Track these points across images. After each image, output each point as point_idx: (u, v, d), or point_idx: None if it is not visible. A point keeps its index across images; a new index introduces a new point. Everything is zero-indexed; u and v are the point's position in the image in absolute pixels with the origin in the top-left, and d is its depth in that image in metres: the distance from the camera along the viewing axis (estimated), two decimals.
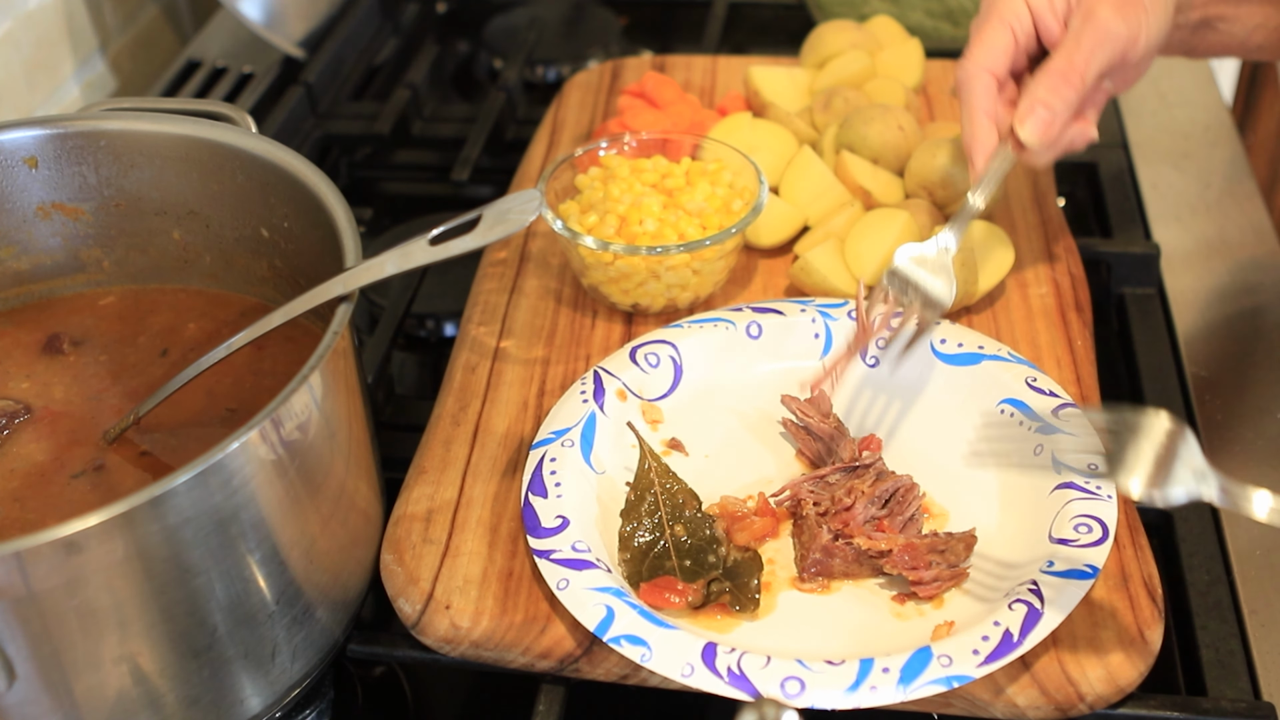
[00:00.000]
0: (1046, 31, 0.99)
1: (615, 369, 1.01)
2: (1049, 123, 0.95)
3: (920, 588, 0.87)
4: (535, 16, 1.62)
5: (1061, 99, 0.95)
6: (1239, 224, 1.27)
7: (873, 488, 0.90)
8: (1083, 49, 0.95)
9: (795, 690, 0.79)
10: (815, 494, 0.91)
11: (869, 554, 0.88)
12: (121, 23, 1.54)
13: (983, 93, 0.98)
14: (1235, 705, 0.85)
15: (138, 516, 0.70)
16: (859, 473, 0.93)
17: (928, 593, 0.87)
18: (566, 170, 1.13)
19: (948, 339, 1.01)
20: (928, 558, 0.87)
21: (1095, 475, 0.83)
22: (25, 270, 1.01)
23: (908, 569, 0.87)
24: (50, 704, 0.74)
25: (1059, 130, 0.96)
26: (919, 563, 0.86)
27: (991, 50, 0.98)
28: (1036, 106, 0.95)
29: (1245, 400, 1.09)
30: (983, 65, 0.98)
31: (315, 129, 1.44)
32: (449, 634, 0.87)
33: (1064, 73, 0.95)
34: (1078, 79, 0.95)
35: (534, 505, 0.91)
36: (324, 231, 0.88)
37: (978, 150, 0.97)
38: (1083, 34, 0.95)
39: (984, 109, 0.97)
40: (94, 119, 0.97)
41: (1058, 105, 0.95)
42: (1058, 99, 0.95)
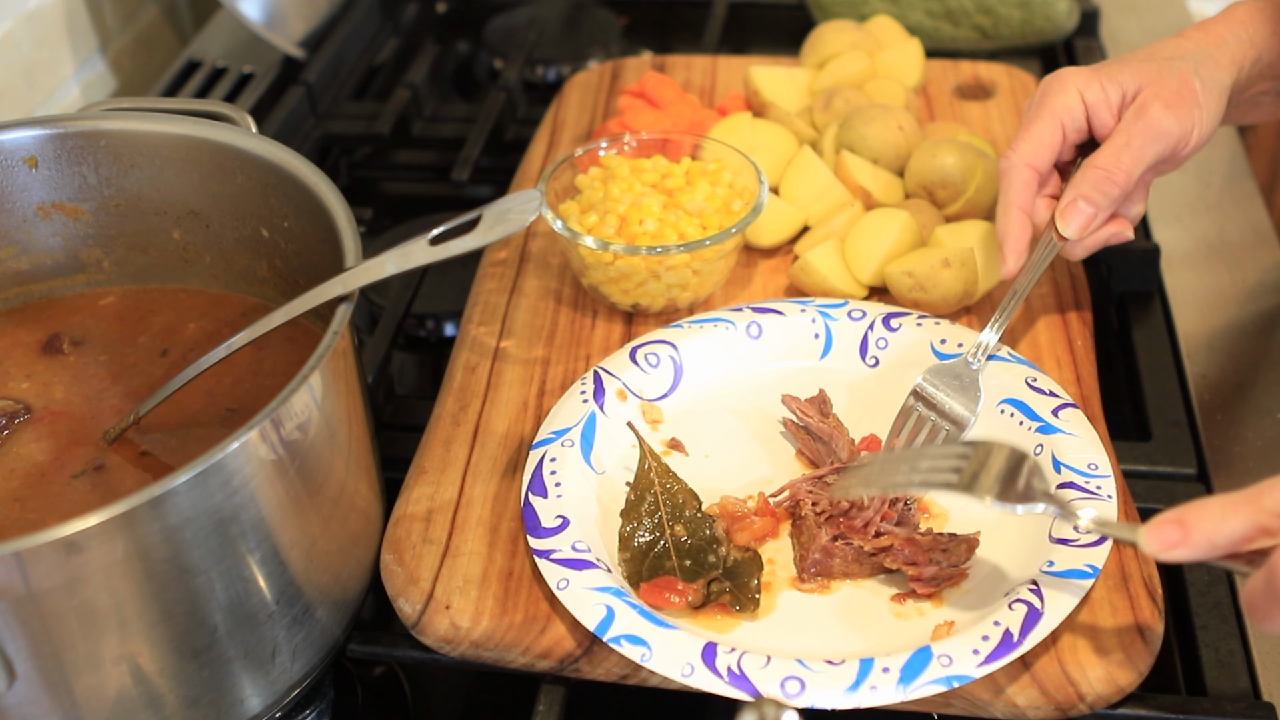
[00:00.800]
0: (1100, 126, 0.99)
1: (615, 369, 1.01)
2: (1091, 218, 0.96)
3: (919, 584, 0.87)
4: (535, 16, 1.62)
5: (1105, 195, 0.95)
6: (1239, 224, 1.27)
7: None
8: (1132, 148, 0.95)
9: (795, 690, 0.79)
10: (814, 494, 0.91)
11: (869, 553, 0.88)
12: (121, 23, 1.54)
13: (1021, 188, 0.97)
14: (1235, 705, 0.85)
15: (138, 516, 0.70)
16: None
17: (925, 590, 0.87)
18: (566, 170, 1.13)
19: (948, 339, 1.01)
20: (929, 555, 0.87)
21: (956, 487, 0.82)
22: (25, 270, 1.01)
23: (908, 564, 0.87)
24: (50, 704, 0.74)
25: (1100, 225, 0.96)
26: (920, 559, 0.87)
27: (1038, 146, 0.98)
28: (1079, 201, 0.95)
29: (1245, 400, 1.09)
30: (1025, 160, 0.98)
31: (315, 129, 1.44)
32: (449, 634, 0.87)
33: (1109, 171, 0.95)
34: (1123, 177, 0.95)
35: (534, 505, 0.91)
36: (324, 231, 0.88)
37: (1009, 245, 0.97)
38: (1134, 132, 0.95)
39: (1019, 204, 0.97)
40: (94, 119, 0.97)
41: (1101, 201, 0.95)
42: (1101, 195, 0.95)
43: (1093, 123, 0.99)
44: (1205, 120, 0.96)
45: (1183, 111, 0.95)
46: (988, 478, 0.81)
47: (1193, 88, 0.96)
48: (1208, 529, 0.74)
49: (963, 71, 1.35)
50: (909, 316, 1.03)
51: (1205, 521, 0.74)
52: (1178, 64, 0.97)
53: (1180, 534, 0.74)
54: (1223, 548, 0.74)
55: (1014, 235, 0.97)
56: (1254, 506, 0.73)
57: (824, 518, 0.89)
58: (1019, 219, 0.97)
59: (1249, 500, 0.73)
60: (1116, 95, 0.98)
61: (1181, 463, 1.02)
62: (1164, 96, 0.95)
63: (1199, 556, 0.75)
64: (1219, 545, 0.74)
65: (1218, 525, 0.73)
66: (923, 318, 1.03)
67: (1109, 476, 0.90)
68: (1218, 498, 0.74)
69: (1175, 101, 0.95)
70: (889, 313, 1.04)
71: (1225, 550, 0.74)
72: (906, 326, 1.03)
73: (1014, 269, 0.97)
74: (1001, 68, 1.35)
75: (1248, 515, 0.73)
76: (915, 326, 1.03)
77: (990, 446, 0.82)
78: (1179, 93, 0.96)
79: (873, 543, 0.87)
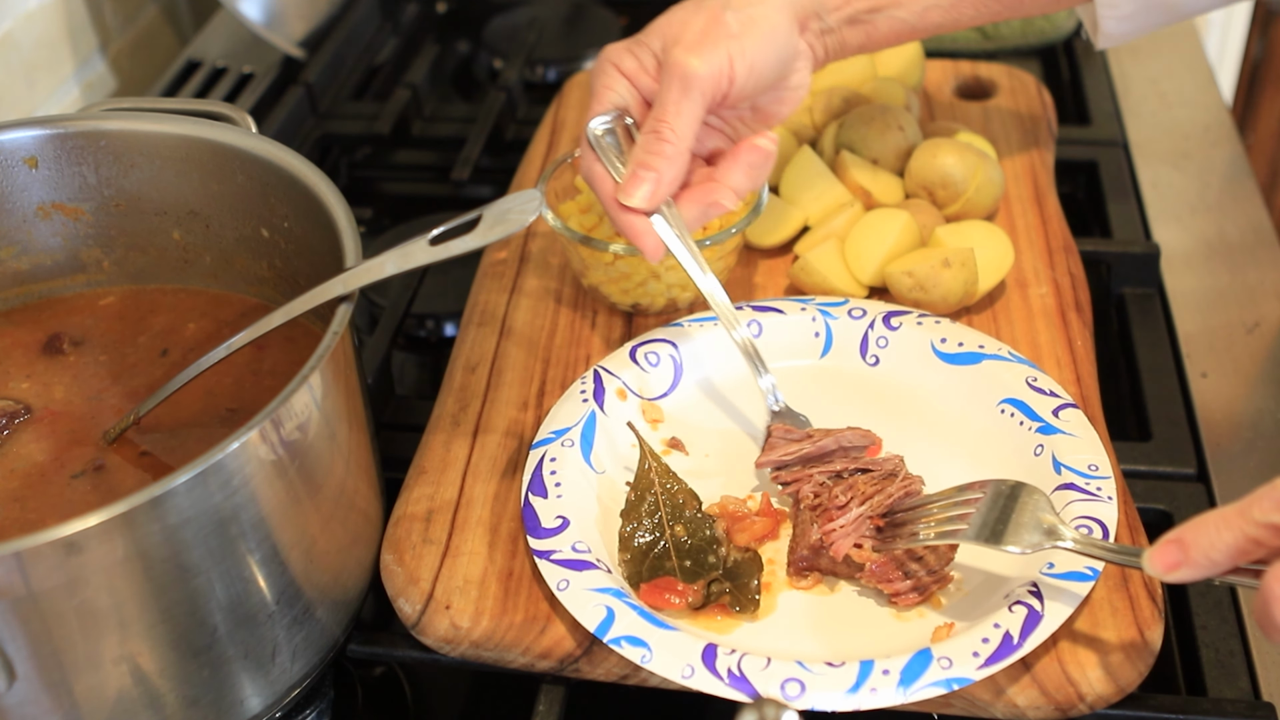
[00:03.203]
0: (648, 92, 0.97)
1: (615, 368, 1.01)
2: (654, 183, 0.93)
3: (898, 598, 0.86)
4: (535, 16, 1.62)
5: (658, 155, 0.92)
6: (1239, 224, 1.27)
7: (876, 489, 0.90)
8: (669, 101, 0.93)
9: (795, 692, 0.79)
10: (817, 487, 0.91)
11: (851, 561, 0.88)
12: (121, 23, 1.54)
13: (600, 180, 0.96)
14: (1235, 705, 0.85)
15: (138, 516, 0.70)
16: (869, 476, 0.91)
17: (905, 603, 0.86)
18: (566, 170, 1.13)
19: (948, 338, 1.01)
20: (902, 569, 0.86)
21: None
22: (25, 270, 1.01)
23: (881, 581, 0.86)
24: (50, 704, 0.74)
25: (667, 189, 0.93)
26: (891, 575, 0.86)
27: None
28: (637, 170, 0.93)
29: (1245, 400, 1.09)
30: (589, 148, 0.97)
31: (315, 129, 1.44)
32: (449, 634, 0.87)
33: (656, 130, 0.93)
34: (670, 132, 0.92)
35: (534, 505, 0.91)
36: (324, 231, 0.88)
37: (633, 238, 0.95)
38: (666, 85, 0.94)
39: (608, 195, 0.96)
40: (94, 119, 0.97)
41: (656, 163, 0.93)
42: (654, 157, 0.93)
43: (642, 92, 0.97)
44: (747, 50, 0.93)
45: (707, 48, 0.93)
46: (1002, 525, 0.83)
47: (722, 21, 0.94)
48: (1204, 545, 0.73)
49: (963, 71, 1.35)
50: (909, 315, 1.03)
51: (1201, 538, 0.73)
52: (708, 4, 0.96)
53: (1180, 553, 0.73)
54: (1222, 564, 0.73)
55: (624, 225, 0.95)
56: (1244, 519, 0.72)
57: (818, 512, 0.89)
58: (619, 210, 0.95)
59: (1239, 513, 0.72)
60: (649, 58, 0.97)
61: (1181, 463, 1.02)
62: (685, 40, 0.93)
63: (1201, 575, 0.74)
64: (1218, 561, 0.73)
65: (1212, 541, 0.72)
66: (923, 316, 1.03)
67: (1109, 478, 0.90)
68: (1212, 512, 0.73)
69: (699, 41, 0.93)
70: (889, 311, 1.04)
71: (1225, 566, 0.73)
72: (907, 325, 1.03)
73: (653, 254, 0.95)
74: (1001, 68, 1.35)
75: (1239, 528, 0.72)
76: (916, 325, 1.03)
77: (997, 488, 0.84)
78: (704, 31, 0.94)
79: (855, 554, 0.87)
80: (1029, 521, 0.83)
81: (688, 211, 0.96)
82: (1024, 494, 0.84)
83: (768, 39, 0.95)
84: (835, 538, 0.87)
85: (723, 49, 0.93)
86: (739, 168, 0.97)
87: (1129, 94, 1.45)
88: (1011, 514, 0.83)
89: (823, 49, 1.02)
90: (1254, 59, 1.98)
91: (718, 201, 0.96)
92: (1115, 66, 1.49)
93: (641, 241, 0.94)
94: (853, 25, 1.01)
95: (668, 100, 0.93)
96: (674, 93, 0.93)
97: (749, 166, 0.97)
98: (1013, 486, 0.85)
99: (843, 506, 0.89)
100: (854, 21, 1.01)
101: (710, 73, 0.93)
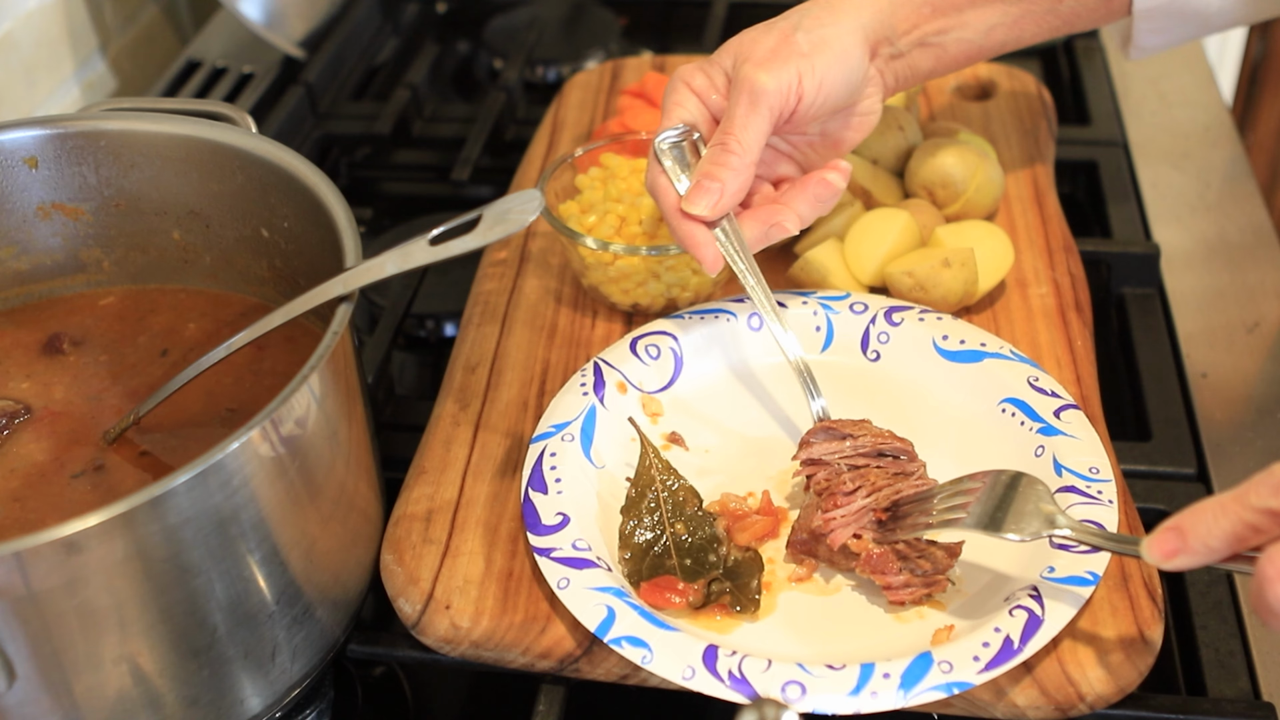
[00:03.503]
0: (717, 109, 0.99)
1: (615, 360, 1.01)
2: (717, 193, 0.93)
3: (890, 593, 0.86)
4: (535, 16, 1.62)
5: (724, 167, 0.93)
6: (1239, 224, 1.27)
7: (887, 483, 0.89)
8: (737, 115, 0.94)
9: (796, 695, 0.79)
10: (830, 473, 0.90)
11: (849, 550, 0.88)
12: (121, 23, 1.54)
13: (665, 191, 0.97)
14: (1235, 705, 0.85)
15: (138, 516, 0.70)
16: (884, 462, 0.91)
17: (897, 598, 0.86)
18: (566, 170, 1.13)
19: (950, 335, 1.01)
20: (900, 564, 0.86)
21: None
22: (25, 270, 1.00)
23: (876, 573, 0.86)
24: (50, 704, 0.74)
25: (731, 201, 0.94)
26: (888, 569, 0.86)
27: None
28: (701, 180, 0.94)
29: (1245, 400, 1.09)
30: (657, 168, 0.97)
31: (315, 129, 1.44)
32: (449, 634, 0.87)
33: (723, 143, 0.94)
34: (736, 144, 0.94)
35: (534, 501, 0.91)
36: (324, 231, 0.88)
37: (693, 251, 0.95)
38: (736, 100, 0.95)
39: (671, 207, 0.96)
40: (94, 119, 0.97)
41: (721, 174, 0.93)
42: (719, 168, 0.93)
43: (711, 110, 0.99)
44: (817, 68, 0.95)
45: (777, 65, 0.94)
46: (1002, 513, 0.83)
47: (793, 40, 0.95)
48: (1201, 533, 0.73)
49: (963, 72, 1.35)
50: (911, 311, 1.03)
51: (1199, 525, 0.73)
52: (779, 24, 0.97)
53: (1178, 540, 0.74)
54: (1220, 550, 0.73)
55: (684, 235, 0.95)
56: (1241, 505, 0.72)
57: (824, 497, 0.89)
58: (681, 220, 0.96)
59: (1236, 499, 0.72)
60: (720, 77, 0.98)
61: (1181, 463, 1.02)
62: (755, 57, 0.95)
63: (1199, 562, 0.74)
64: (1215, 548, 0.73)
65: (1209, 528, 0.73)
66: (925, 313, 1.03)
67: (1110, 481, 0.90)
68: (1210, 500, 0.73)
69: (769, 58, 0.94)
70: (891, 307, 1.04)
71: (1224, 552, 0.73)
72: (909, 321, 1.03)
73: (712, 266, 0.95)
74: (1001, 68, 1.35)
75: (1235, 514, 0.72)
76: (918, 321, 1.03)
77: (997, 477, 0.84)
78: (775, 49, 0.95)
79: (855, 544, 0.87)
80: (1029, 510, 0.83)
81: (750, 230, 0.96)
82: (1024, 483, 0.84)
83: (838, 60, 0.96)
84: (835, 525, 0.87)
85: (792, 66, 0.94)
86: (806, 198, 0.98)
87: (1129, 94, 1.45)
88: (1012, 503, 0.83)
89: (893, 76, 1.03)
90: (1254, 59, 1.98)
91: (781, 224, 0.97)
92: (1115, 66, 1.49)
93: (701, 252, 0.95)
94: (923, 48, 1.02)
95: (735, 114, 0.94)
96: (742, 107, 0.94)
97: (815, 199, 0.98)
98: (1013, 476, 0.85)
99: (849, 494, 0.88)
100: (924, 44, 1.02)
101: (778, 88, 0.94)
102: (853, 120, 1.01)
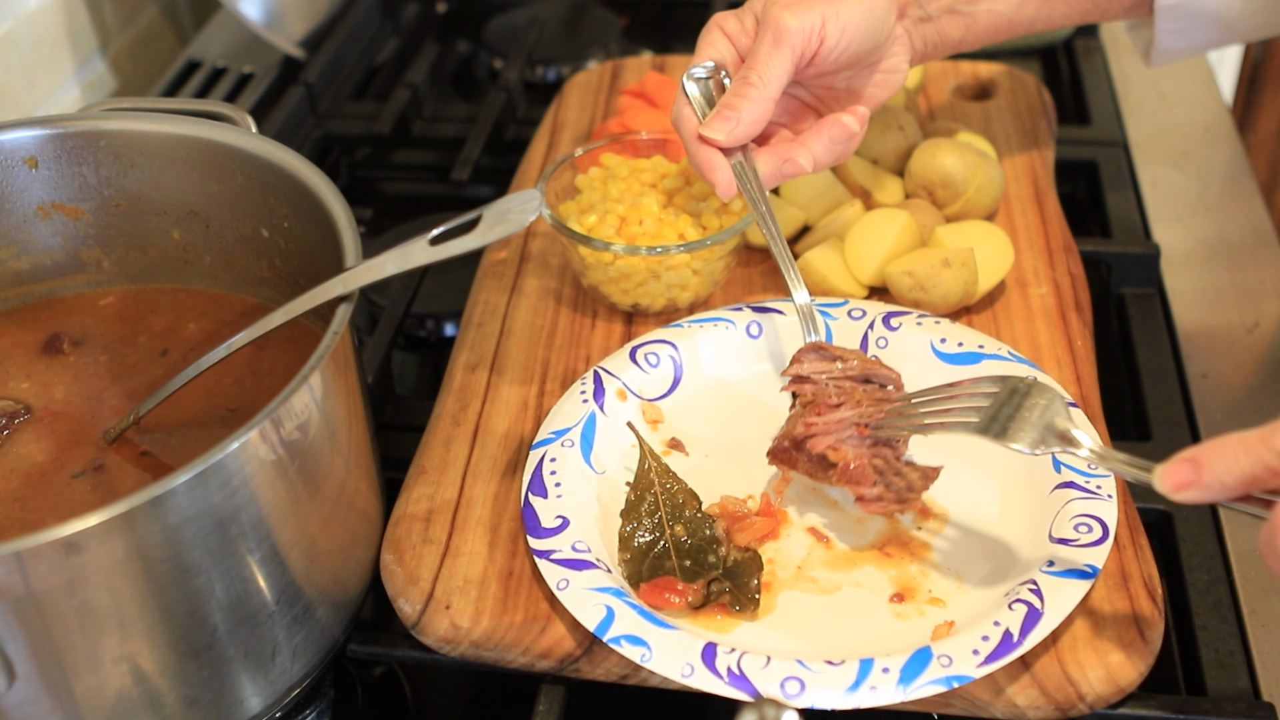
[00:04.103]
0: (746, 51, 1.02)
1: (615, 369, 1.01)
2: (733, 120, 0.98)
3: (863, 504, 0.87)
4: (535, 16, 1.62)
5: (743, 98, 0.98)
6: (1239, 224, 1.27)
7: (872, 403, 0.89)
8: (760, 52, 0.99)
9: (795, 690, 0.79)
10: (816, 384, 0.91)
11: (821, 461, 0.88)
12: (121, 23, 1.54)
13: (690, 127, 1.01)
14: (1235, 705, 0.85)
15: (138, 516, 0.70)
16: (870, 388, 0.91)
17: (869, 508, 0.87)
18: (566, 170, 1.13)
19: (948, 338, 1.01)
20: (873, 477, 0.87)
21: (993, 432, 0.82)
22: (25, 270, 1.01)
23: (853, 484, 0.87)
24: (50, 704, 0.74)
25: (746, 129, 0.98)
26: (864, 479, 0.87)
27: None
28: (721, 109, 0.99)
29: (1245, 400, 1.09)
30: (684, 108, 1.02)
31: (315, 129, 1.44)
32: (449, 634, 0.87)
33: (745, 76, 0.99)
34: (757, 78, 0.98)
35: (534, 505, 0.91)
36: (324, 231, 0.88)
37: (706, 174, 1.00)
38: (761, 38, 0.99)
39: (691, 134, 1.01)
40: (94, 119, 0.97)
41: (739, 104, 0.98)
42: (739, 99, 0.98)
43: (740, 51, 1.03)
44: (841, 13, 0.98)
45: (803, 8, 0.98)
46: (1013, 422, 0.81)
47: None
48: (1218, 468, 0.72)
49: (963, 71, 1.35)
50: (909, 316, 1.03)
51: (1217, 461, 0.72)
52: None
53: (1193, 473, 0.73)
54: (1233, 488, 0.72)
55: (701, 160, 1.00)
56: (1265, 446, 0.71)
57: (809, 407, 0.89)
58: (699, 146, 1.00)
59: (1261, 440, 0.71)
60: (750, 21, 1.02)
61: None
62: (783, 1, 0.99)
63: (1211, 497, 0.73)
64: (1229, 486, 0.72)
65: (1228, 465, 0.72)
66: (923, 317, 1.03)
67: (1109, 476, 0.90)
68: (1232, 436, 0.72)
69: (796, 3, 0.98)
70: (889, 312, 1.04)
71: (1236, 491, 0.72)
72: (907, 326, 1.03)
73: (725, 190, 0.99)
74: (1001, 68, 1.35)
75: (1257, 455, 0.71)
76: (915, 326, 1.03)
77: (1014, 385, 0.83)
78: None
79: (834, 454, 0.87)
80: (1038, 420, 0.81)
81: (764, 165, 1.00)
82: (1037, 393, 0.82)
83: (863, 9, 0.99)
84: (816, 431, 0.87)
85: (817, 11, 0.98)
86: (821, 139, 1.01)
87: (1129, 94, 1.45)
88: (1020, 410, 0.82)
89: (921, 40, 1.06)
90: (1254, 59, 1.98)
91: (795, 159, 1.00)
92: (1115, 66, 1.49)
93: (715, 175, 0.99)
94: (952, 16, 1.05)
95: (759, 50, 0.99)
96: (766, 44, 0.98)
97: (831, 140, 1.01)
98: (1030, 385, 0.82)
99: (834, 406, 0.89)
100: (954, 11, 1.05)
101: (801, 28, 0.97)
102: (877, 77, 1.04)
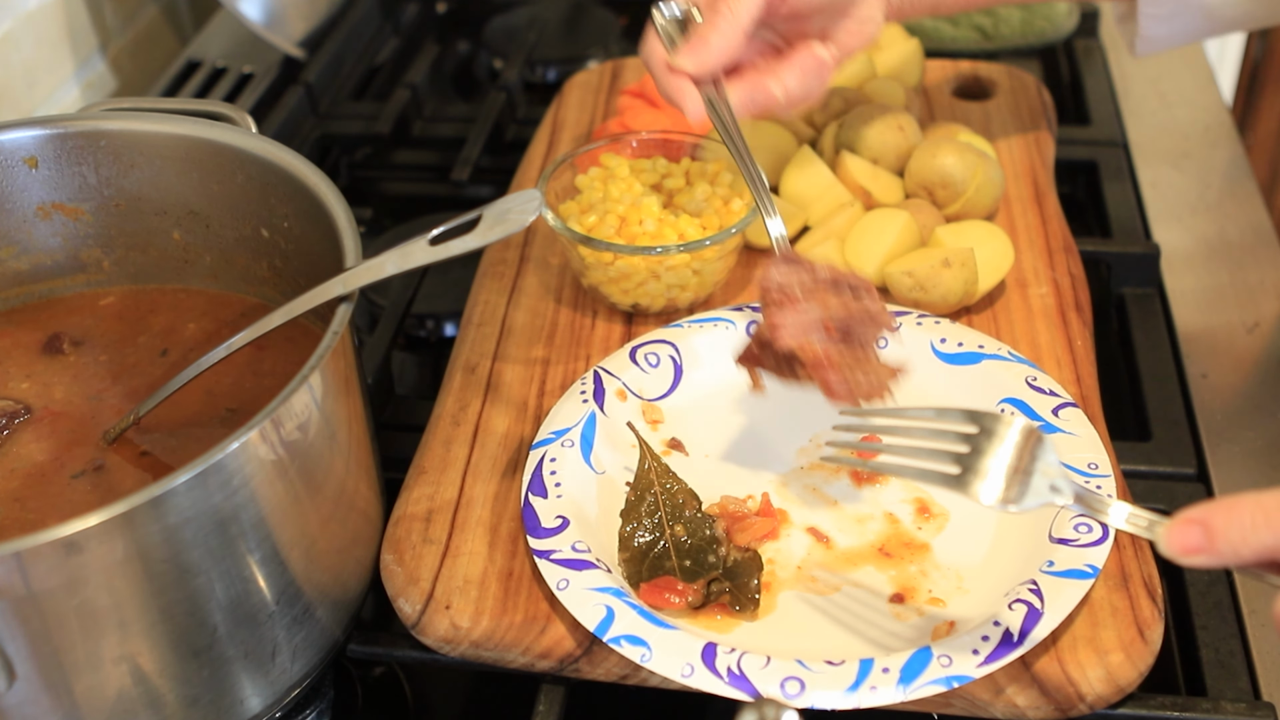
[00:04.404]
0: None
1: (615, 369, 1.01)
2: (704, 49, 0.98)
3: (831, 396, 0.87)
4: (535, 16, 1.62)
5: (714, 28, 0.98)
6: (1239, 224, 1.27)
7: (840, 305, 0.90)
8: None
9: (795, 690, 0.79)
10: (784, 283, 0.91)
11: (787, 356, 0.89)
12: (121, 23, 1.54)
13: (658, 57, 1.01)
14: (1235, 705, 0.85)
15: (138, 516, 0.70)
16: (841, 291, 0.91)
17: (837, 400, 0.87)
18: (566, 170, 1.13)
19: (948, 338, 1.01)
20: (843, 372, 0.87)
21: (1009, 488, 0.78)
22: (25, 270, 1.01)
23: (819, 375, 0.87)
24: (50, 704, 0.74)
25: (715, 58, 0.98)
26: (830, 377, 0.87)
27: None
28: (691, 39, 0.99)
29: (1245, 400, 1.09)
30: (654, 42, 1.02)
31: (315, 129, 1.44)
32: (449, 634, 0.87)
33: (714, 4, 0.99)
34: (725, 7, 0.98)
35: (534, 505, 0.91)
36: (324, 231, 0.88)
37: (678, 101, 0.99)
38: None
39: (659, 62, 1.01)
40: (94, 119, 0.97)
41: (711, 34, 0.98)
42: (710, 29, 0.98)
43: None
44: None
45: None
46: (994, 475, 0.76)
47: None
48: (1234, 539, 0.66)
49: (963, 71, 1.35)
50: (909, 316, 1.03)
51: (1233, 530, 0.66)
52: None
53: (1204, 539, 0.67)
54: (1248, 561, 0.66)
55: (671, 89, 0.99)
56: None
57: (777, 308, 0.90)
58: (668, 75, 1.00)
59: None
60: None
61: (1181, 463, 1.02)
62: None
63: (1222, 565, 0.68)
64: (1244, 558, 0.66)
65: (1245, 536, 0.66)
66: (923, 317, 1.03)
67: (1109, 476, 0.91)
68: (1249, 499, 0.66)
69: None
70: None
71: (1250, 563, 0.67)
72: (907, 326, 1.03)
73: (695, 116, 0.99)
74: (1001, 68, 1.35)
75: (1278, 527, 0.65)
76: (915, 326, 1.03)
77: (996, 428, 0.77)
78: None
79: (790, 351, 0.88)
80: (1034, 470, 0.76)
81: (736, 94, 1.00)
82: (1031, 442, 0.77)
83: None
84: (782, 326, 0.87)
85: None
86: (794, 69, 1.01)
87: (1129, 94, 1.45)
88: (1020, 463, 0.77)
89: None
90: (1254, 59, 1.98)
91: (767, 87, 1.00)
92: (1115, 66, 1.49)
93: (684, 102, 0.98)
94: None
95: None
96: None
97: (803, 70, 1.00)
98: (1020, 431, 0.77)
99: (802, 308, 0.90)
100: None
101: None
102: (850, 25, 1.04)
